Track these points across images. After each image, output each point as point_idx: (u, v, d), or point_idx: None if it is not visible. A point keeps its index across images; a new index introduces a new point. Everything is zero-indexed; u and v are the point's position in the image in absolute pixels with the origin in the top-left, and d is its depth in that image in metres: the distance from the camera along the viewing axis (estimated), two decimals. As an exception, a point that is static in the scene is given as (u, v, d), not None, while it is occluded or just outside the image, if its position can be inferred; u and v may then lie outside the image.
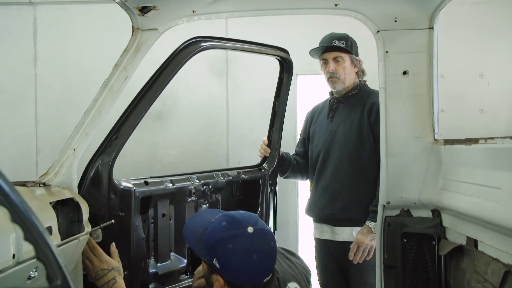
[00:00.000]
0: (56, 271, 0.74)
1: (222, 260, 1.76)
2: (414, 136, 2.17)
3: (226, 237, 1.75)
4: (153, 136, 4.03)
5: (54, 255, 0.74)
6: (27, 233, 0.73)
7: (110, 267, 2.11)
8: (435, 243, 2.08)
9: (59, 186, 2.10)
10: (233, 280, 1.79)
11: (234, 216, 1.82)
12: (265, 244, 1.77)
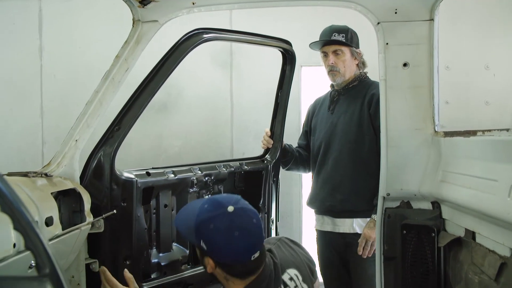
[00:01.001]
0: (44, 260, 0.75)
1: (207, 240, 1.81)
2: (415, 128, 2.17)
3: (208, 218, 1.81)
4: (157, 127, 4.05)
5: (43, 244, 0.75)
6: (16, 223, 0.74)
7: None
8: (435, 235, 2.08)
9: (61, 176, 2.12)
10: (221, 259, 1.84)
11: (216, 198, 1.90)
12: (246, 221, 1.82)
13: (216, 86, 4.09)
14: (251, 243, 1.83)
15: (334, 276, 3.25)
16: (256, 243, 1.85)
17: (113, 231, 2.28)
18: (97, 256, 2.28)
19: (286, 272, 2.03)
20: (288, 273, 2.04)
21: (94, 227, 2.23)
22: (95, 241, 2.27)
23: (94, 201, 2.20)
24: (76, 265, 2.19)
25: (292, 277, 2.04)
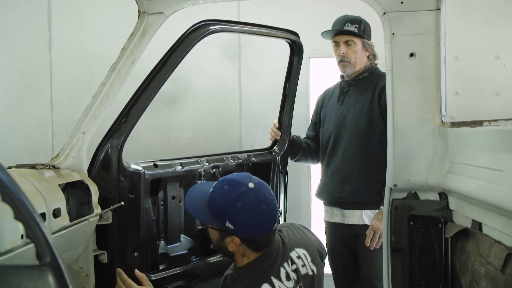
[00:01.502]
0: (45, 249, 0.76)
1: (235, 220, 1.90)
2: (421, 118, 2.16)
3: (233, 198, 1.90)
4: (166, 120, 4.06)
5: (43, 233, 0.76)
6: (17, 212, 0.75)
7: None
8: (442, 226, 2.07)
9: (69, 168, 2.14)
10: (248, 235, 1.94)
11: (232, 178, 1.99)
12: (267, 193, 1.95)
13: (225, 78, 4.09)
14: (274, 213, 1.96)
15: (342, 267, 3.26)
16: (277, 212, 1.98)
17: (121, 223, 2.30)
18: (106, 247, 2.29)
19: (295, 250, 2.10)
20: (296, 252, 2.10)
21: (102, 219, 2.24)
22: (104, 232, 2.28)
23: (102, 193, 2.21)
24: (85, 257, 2.21)
25: (300, 256, 2.10)
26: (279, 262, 2.01)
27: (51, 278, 0.75)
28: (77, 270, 2.21)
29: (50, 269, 0.75)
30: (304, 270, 2.07)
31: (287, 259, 2.04)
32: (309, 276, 2.08)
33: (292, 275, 2.01)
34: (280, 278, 1.98)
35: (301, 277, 2.04)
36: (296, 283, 2.02)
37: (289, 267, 2.03)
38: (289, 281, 1.99)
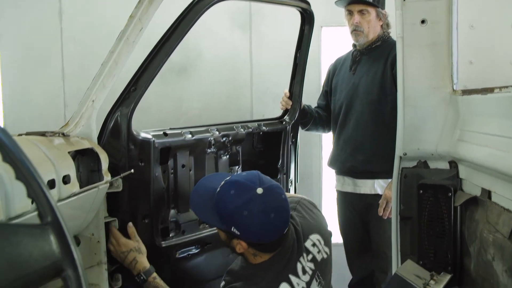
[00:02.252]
0: (46, 209, 0.76)
1: (241, 227, 1.81)
2: (432, 86, 2.13)
3: (239, 205, 1.79)
4: (178, 90, 4.05)
5: (44, 193, 0.76)
6: (18, 173, 0.75)
7: (128, 249, 2.21)
8: (451, 195, 2.06)
9: (78, 136, 2.14)
10: (255, 241, 1.86)
11: (240, 181, 1.85)
12: (277, 200, 1.83)
13: (236, 47, 4.06)
14: (284, 219, 1.85)
15: (353, 236, 3.28)
16: (287, 217, 1.87)
17: (131, 191, 2.31)
18: (116, 214, 2.32)
19: (309, 239, 2.04)
20: (310, 239, 2.05)
21: (113, 187, 2.26)
22: (114, 200, 2.30)
23: (112, 161, 2.22)
24: (96, 223, 2.23)
25: (315, 243, 2.05)
26: (295, 258, 1.96)
27: (52, 237, 0.75)
28: (88, 236, 2.23)
29: (51, 228, 0.76)
30: (320, 256, 2.03)
31: (303, 252, 1.99)
32: (325, 260, 2.05)
33: (308, 267, 1.97)
34: (297, 274, 1.93)
35: (319, 264, 2.01)
36: (314, 273, 1.98)
37: (305, 259, 1.98)
38: (305, 274, 1.96)
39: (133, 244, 2.23)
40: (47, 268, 0.72)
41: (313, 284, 1.97)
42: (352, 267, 3.38)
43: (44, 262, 0.72)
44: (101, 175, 2.14)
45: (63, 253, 0.75)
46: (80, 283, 0.74)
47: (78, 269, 0.75)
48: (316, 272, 2.00)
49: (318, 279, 2.00)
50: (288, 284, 1.90)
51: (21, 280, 0.69)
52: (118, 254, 2.22)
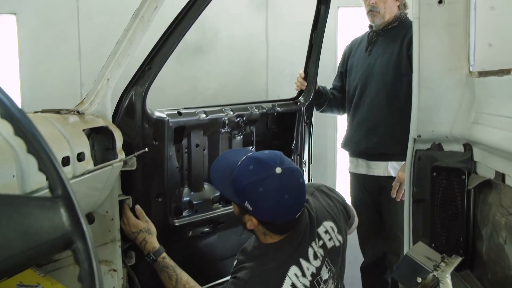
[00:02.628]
0: (57, 182, 0.77)
1: (253, 203, 1.82)
2: (448, 68, 2.11)
3: (256, 181, 1.80)
4: (193, 69, 4.05)
5: (54, 166, 0.77)
6: (30, 146, 0.76)
7: (138, 230, 2.25)
8: (465, 177, 2.05)
9: (93, 114, 2.16)
10: (266, 219, 1.87)
11: (261, 158, 1.87)
12: (294, 182, 1.83)
13: (252, 27, 4.04)
14: (298, 203, 1.86)
15: (366, 218, 3.27)
16: (302, 202, 1.88)
17: (145, 169, 2.33)
18: (130, 193, 2.34)
19: (322, 225, 2.05)
20: (324, 226, 2.05)
21: (127, 165, 2.28)
22: (128, 178, 2.32)
23: (126, 140, 2.24)
24: (110, 201, 2.26)
25: (328, 230, 2.05)
26: (307, 242, 1.96)
27: (62, 210, 0.76)
28: (102, 214, 2.26)
29: (61, 201, 0.77)
30: (330, 244, 2.03)
31: (316, 237, 2.00)
32: (336, 248, 2.05)
33: (319, 253, 1.97)
34: (308, 259, 1.94)
35: (328, 251, 2.01)
36: (324, 259, 1.99)
37: (317, 245, 1.98)
38: (316, 260, 1.96)
39: (142, 225, 2.26)
40: (57, 240, 0.74)
41: (323, 270, 1.97)
42: (364, 249, 3.39)
43: (54, 234, 0.73)
44: (115, 153, 2.16)
45: (73, 226, 0.76)
46: (90, 255, 0.76)
47: (87, 242, 0.77)
48: (325, 258, 2.00)
49: (328, 266, 2.00)
50: (298, 268, 1.90)
51: (32, 251, 0.70)
52: (129, 234, 2.26)
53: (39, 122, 1.78)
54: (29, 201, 0.73)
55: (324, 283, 1.96)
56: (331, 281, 2.00)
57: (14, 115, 0.76)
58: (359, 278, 3.50)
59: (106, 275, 2.29)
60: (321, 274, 1.95)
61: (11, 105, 0.75)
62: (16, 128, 0.76)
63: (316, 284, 1.92)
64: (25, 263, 0.70)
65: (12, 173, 1.44)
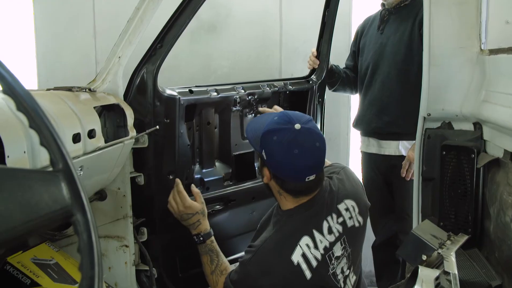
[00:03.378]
0: (58, 156, 0.79)
1: (268, 151, 1.89)
2: (459, 46, 2.09)
3: (273, 129, 1.88)
4: (207, 47, 4.05)
5: (55, 140, 0.79)
6: (31, 121, 0.78)
7: (194, 212, 2.28)
8: (474, 156, 2.04)
9: (105, 92, 2.19)
10: (276, 172, 1.93)
11: (288, 113, 1.95)
12: (309, 142, 1.86)
13: (265, 5, 4.02)
14: (308, 165, 1.87)
15: (377, 198, 3.27)
16: (313, 166, 1.88)
17: (157, 147, 2.36)
18: (142, 170, 2.37)
19: (343, 202, 2.06)
20: (345, 203, 2.06)
21: (139, 143, 2.31)
22: (140, 156, 2.35)
23: (138, 117, 2.26)
24: (122, 178, 2.29)
25: (348, 208, 2.07)
26: (323, 215, 1.98)
27: (63, 183, 0.78)
28: (115, 190, 2.30)
29: (62, 175, 0.79)
30: (350, 223, 2.05)
31: (333, 212, 2.01)
32: (355, 228, 2.06)
33: (335, 229, 1.99)
34: (322, 232, 1.95)
35: (347, 229, 2.02)
36: (340, 236, 2.00)
37: (334, 220, 2.00)
38: (331, 234, 1.97)
39: (199, 207, 2.30)
40: (57, 212, 0.76)
41: (337, 246, 1.98)
42: (376, 228, 3.40)
43: (54, 207, 0.75)
44: (126, 131, 2.18)
45: (73, 199, 0.78)
46: (89, 227, 0.78)
47: (87, 214, 0.78)
48: (343, 236, 2.01)
49: (343, 244, 2.01)
50: (310, 238, 1.92)
51: (32, 222, 0.72)
52: (181, 215, 2.29)
53: (50, 99, 1.81)
54: (30, 174, 0.75)
55: (336, 260, 1.97)
56: (344, 260, 2.02)
57: (16, 91, 0.77)
58: (370, 257, 3.52)
59: (118, 250, 2.34)
60: (333, 250, 1.97)
61: (13, 81, 0.77)
62: (18, 104, 0.78)
63: (327, 259, 1.94)
64: (26, 234, 0.72)
65: (23, 149, 1.48)
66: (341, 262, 1.99)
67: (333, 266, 1.95)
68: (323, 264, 1.92)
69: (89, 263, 0.76)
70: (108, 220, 2.32)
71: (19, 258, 2.10)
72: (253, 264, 1.94)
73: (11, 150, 1.43)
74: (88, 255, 0.76)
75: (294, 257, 1.88)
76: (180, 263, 2.52)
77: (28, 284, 2.03)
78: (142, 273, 2.44)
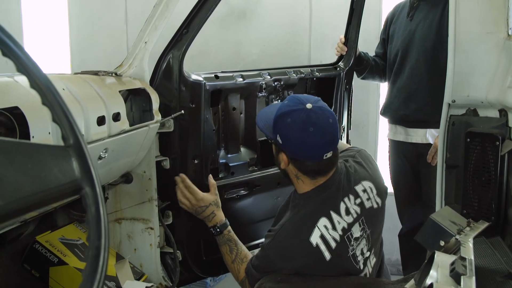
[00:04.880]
0: (68, 132, 0.82)
1: (283, 134, 1.92)
2: (486, 31, 2.05)
3: (286, 112, 1.91)
4: (236, 34, 4.07)
5: (67, 116, 0.82)
6: (43, 98, 0.81)
7: (207, 204, 2.30)
8: (499, 144, 2.01)
9: (131, 76, 2.23)
10: (293, 154, 1.95)
11: (297, 95, 1.99)
12: (322, 119, 1.89)
13: (295, -8, 4.02)
14: (324, 141, 1.90)
15: (404, 186, 3.26)
16: (329, 142, 1.91)
17: (182, 131, 2.39)
18: (168, 154, 2.41)
19: (361, 184, 2.08)
20: (362, 185, 2.08)
21: (165, 127, 2.35)
22: (166, 140, 2.39)
23: (163, 102, 2.30)
24: (148, 161, 2.34)
25: (366, 189, 2.08)
26: (340, 196, 2.00)
27: (73, 158, 0.81)
28: (140, 173, 2.35)
29: (73, 150, 0.82)
30: (369, 204, 2.06)
31: (350, 193, 2.03)
32: (374, 209, 2.08)
33: (353, 210, 2.00)
34: (339, 213, 1.97)
35: (365, 210, 2.04)
36: (358, 217, 2.01)
37: (351, 201, 2.01)
38: (349, 215, 1.99)
39: (212, 198, 2.33)
40: (66, 185, 0.79)
41: (355, 227, 2.00)
42: (402, 217, 3.38)
43: (64, 179, 0.78)
44: (152, 115, 2.22)
45: (83, 173, 0.81)
46: (97, 200, 0.81)
47: (95, 188, 0.81)
48: (361, 217, 2.02)
49: (362, 225, 2.02)
50: (327, 220, 1.94)
51: (42, 194, 0.75)
52: (195, 209, 2.31)
53: (76, 82, 1.86)
54: (41, 149, 0.78)
55: (355, 241, 1.99)
56: (364, 241, 2.03)
57: (29, 68, 0.80)
58: (397, 246, 3.50)
59: (143, 233, 2.40)
60: (352, 231, 1.98)
61: (26, 59, 0.80)
62: (31, 81, 0.81)
63: (346, 240, 1.96)
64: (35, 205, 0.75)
65: (48, 130, 1.53)
66: (360, 244, 2.01)
67: (352, 247, 1.96)
68: (342, 245, 1.94)
69: (96, 234, 0.79)
70: (134, 202, 2.37)
71: (48, 237, 2.17)
72: (272, 248, 1.97)
73: (36, 130, 1.48)
74: (95, 227, 0.79)
75: (313, 239, 1.90)
76: (204, 247, 2.56)
77: (56, 263, 2.10)
78: (167, 255, 2.49)
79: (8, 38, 0.78)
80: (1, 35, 0.77)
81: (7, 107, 1.46)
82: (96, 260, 0.76)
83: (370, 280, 2.05)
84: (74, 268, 2.08)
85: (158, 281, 2.41)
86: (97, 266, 0.75)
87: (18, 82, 1.54)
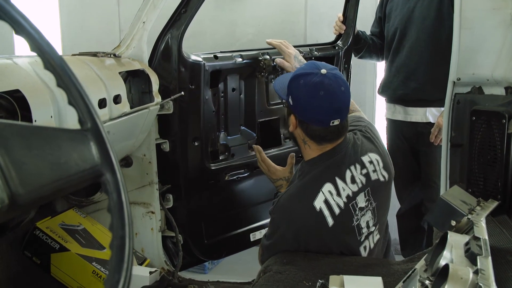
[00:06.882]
0: (86, 115, 0.78)
1: (294, 95, 1.94)
2: (492, 7, 2.02)
3: (300, 74, 1.93)
4: (232, 14, 4.00)
5: (83, 99, 0.78)
6: (59, 80, 0.77)
7: (278, 178, 2.33)
8: (505, 121, 1.99)
9: (129, 57, 2.18)
10: (301, 116, 1.96)
11: (314, 61, 2.03)
12: (334, 85, 1.89)
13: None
14: (333, 107, 1.90)
15: (403, 165, 3.22)
16: (338, 109, 1.91)
17: (182, 113, 2.36)
18: (167, 136, 2.37)
19: (367, 155, 2.07)
20: (369, 156, 2.07)
21: (164, 109, 2.31)
22: (165, 122, 2.36)
23: (163, 83, 2.26)
24: (147, 144, 2.31)
25: (372, 161, 2.07)
26: (346, 163, 1.99)
27: (92, 142, 0.77)
28: (140, 157, 2.31)
29: (91, 134, 0.78)
30: (374, 176, 2.05)
31: (356, 162, 2.01)
32: (380, 182, 2.07)
33: (358, 179, 1.99)
34: (344, 180, 1.96)
35: (371, 182, 2.03)
36: (364, 187, 2.00)
37: (357, 170, 2.00)
38: (354, 184, 1.98)
39: (284, 174, 2.33)
40: (86, 171, 0.75)
41: (360, 196, 1.99)
42: (401, 196, 3.36)
43: (84, 166, 0.74)
44: (151, 97, 2.18)
45: (102, 158, 0.77)
46: (119, 186, 0.77)
47: (116, 174, 0.78)
48: (366, 188, 2.02)
49: (367, 196, 2.01)
50: (332, 186, 1.94)
51: (62, 181, 0.71)
52: (268, 177, 2.38)
53: (76, 64, 1.81)
54: (59, 133, 0.74)
55: (360, 211, 1.98)
56: (369, 214, 2.02)
57: (44, 49, 0.76)
58: (395, 225, 3.50)
59: (144, 217, 2.37)
60: (357, 200, 1.98)
61: (40, 39, 0.76)
62: (45, 62, 0.77)
63: (351, 208, 1.95)
64: (56, 193, 0.71)
65: (50, 113, 1.48)
66: (365, 215, 2.00)
67: (357, 217, 1.96)
68: (346, 213, 1.93)
69: (119, 223, 0.75)
70: (134, 186, 2.34)
71: (48, 224, 2.14)
72: (276, 212, 1.99)
73: (38, 114, 1.44)
74: (118, 215, 0.76)
75: (317, 203, 1.90)
76: (205, 230, 2.54)
77: (57, 249, 2.06)
78: (168, 239, 2.47)
79: (21, 16, 0.74)
80: (14, 13, 0.73)
81: (7, 90, 1.41)
82: (121, 250, 0.72)
83: (375, 260, 2.03)
84: (76, 254, 2.05)
85: (160, 265, 2.39)
86: (123, 256, 0.72)
87: (18, 64, 1.49)
